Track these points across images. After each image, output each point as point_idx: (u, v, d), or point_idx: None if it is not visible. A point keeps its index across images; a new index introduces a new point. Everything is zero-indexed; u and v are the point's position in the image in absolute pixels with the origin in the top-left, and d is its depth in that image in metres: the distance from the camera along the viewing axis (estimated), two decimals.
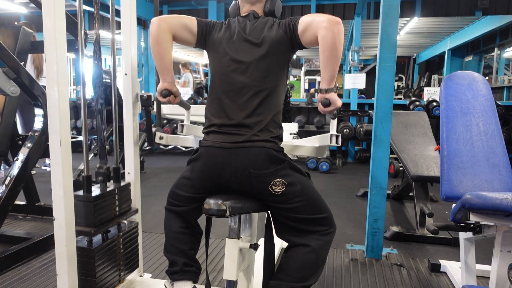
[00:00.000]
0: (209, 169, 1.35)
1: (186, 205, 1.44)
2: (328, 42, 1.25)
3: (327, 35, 1.25)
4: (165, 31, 1.42)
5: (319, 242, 1.37)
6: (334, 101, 1.33)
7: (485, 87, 1.88)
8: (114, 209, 1.66)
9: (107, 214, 1.62)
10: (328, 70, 1.30)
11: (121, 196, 1.71)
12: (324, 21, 1.26)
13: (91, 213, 1.52)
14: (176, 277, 1.42)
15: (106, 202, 1.61)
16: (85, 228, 1.52)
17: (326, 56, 1.28)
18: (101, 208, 1.58)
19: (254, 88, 1.37)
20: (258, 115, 1.35)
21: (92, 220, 1.52)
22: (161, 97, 1.52)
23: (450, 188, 1.70)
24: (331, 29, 1.25)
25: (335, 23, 1.25)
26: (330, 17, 1.27)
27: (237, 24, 1.47)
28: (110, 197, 1.64)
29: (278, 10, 1.52)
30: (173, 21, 1.44)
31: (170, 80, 1.51)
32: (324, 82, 1.32)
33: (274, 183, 1.31)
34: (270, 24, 1.44)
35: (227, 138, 1.34)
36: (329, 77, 1.31)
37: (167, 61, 1.46)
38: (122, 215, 1.73)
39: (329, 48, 1.26)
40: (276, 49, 1.40)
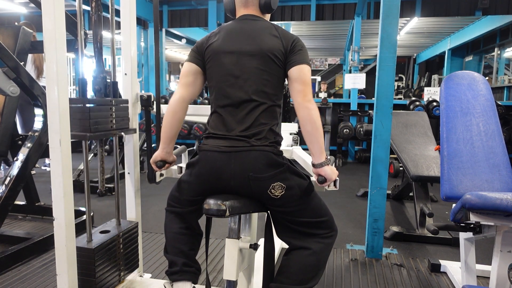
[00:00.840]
0: (208, 173, 1.35)
1: (186, 207, 1.44)
2: (306, 118, 1.32)
3: (303, 113, 1.33)
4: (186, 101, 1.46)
5: (319, 245, 1.37)
6: (329, 176, 1.35)
7: (485, 87, 1.88)
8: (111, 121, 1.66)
9: None
10: (314, 143, 1.33)
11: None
12: (299, 97, 1.34)
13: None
14: (176, 278, 1.42)
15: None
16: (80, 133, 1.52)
17: (308, 131, 1.33)
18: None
19: (252, 103, 1.36)
20: (256, 127, 1.35)
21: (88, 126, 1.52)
22: (155, 167, 1.52)
23: (450, 188, 1.70)
24: (305, 106, 1.32)
25: (307, 101, 1.33)
26: (304, 96, 1.33)
27: (234, 33, 1.42)
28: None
29: (274, 2, 1.48)
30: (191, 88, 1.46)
31: (169, 150, 1.51)
32: (315, 156, 1.35)
33: (273, 187, 1.31)
34: (267, 32, 1.40)
35: (226, 143, 1.34)
36: (318, 150, 1.34)
37: (175, 132, 1.48)
38: None
39: (309, 122, 1.32)
40: (274, 61, 1.37)
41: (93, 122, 1.54)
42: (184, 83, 1.46)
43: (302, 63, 1.36)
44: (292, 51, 1.38)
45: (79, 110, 1.52)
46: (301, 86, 1.35)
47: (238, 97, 1.36)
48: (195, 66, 1.46)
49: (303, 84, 1.35)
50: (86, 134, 1.51)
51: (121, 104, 1.73)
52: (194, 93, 1.48)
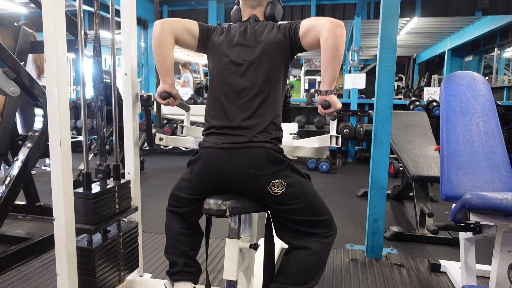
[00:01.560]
0: (209, 170, 1.35)
1: (187, 207, 1.45)
2: (331, 43, 1.26)
3: (329, 37, 1.26)
4: (168, 33, 1.43)
5: (319, 245, 1.37)
6: (334, 103, 1.33)
7: (485, 87, 1.88)
8: (114, 206, 1.67)
9: (107, 212, 1.62)
10: (329, 71, 1.30)
11: (121, 193, 1.71)
12: (327, 23, 1.28)
13: (91, 211, 1.52)
14: (176, 278, 1.42)
15: (106, 199, 1.61)
16: (85, 226, 1.52)
17: (328, 58, 1.28)
18: (101, 206, 1.58)
19: (253, 90, 1.37)
20: (257, 117, 1.35)
21: (92, 217, 1.52)
22: (161, 99, 1.52)
23: (450, 188, 1.70)
24: (334, 31, 1.26)
25: (337, 25, 1.27)
26: (333, 19, 1.28)
27: (237, 28, 1.48)
28: (110, 195, 1.64)
29: (279, 14, 1.53)
30: (176, 24, 1.45)
31: (170, 82, 1.51)
32: (325, 83, 1.33)
33: (273, 184, 1.31)
34: (270, 27, 1.45)
35: (227, 139, 1.34)
36: (330, 78, 1.31)
37: (169, 62, 1.47)
38: (122, 212, 1.73)
39: (331, 49, 1.27)
40: (275, 51, 1.40)
41: (97, 213, 1.56)
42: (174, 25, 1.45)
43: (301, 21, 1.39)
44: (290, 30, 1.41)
45: (84, 203, 1.53)
46: (322, 20, 1.31)
47: (240, 85, 1.38)
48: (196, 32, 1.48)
49: (323, 18, 1.32)
50: (91, 228, 1.52)
51: (124, 187, 1.75)
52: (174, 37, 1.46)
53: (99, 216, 1.56)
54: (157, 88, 1.53)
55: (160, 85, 1.51)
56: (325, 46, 1.28)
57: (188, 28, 1.48)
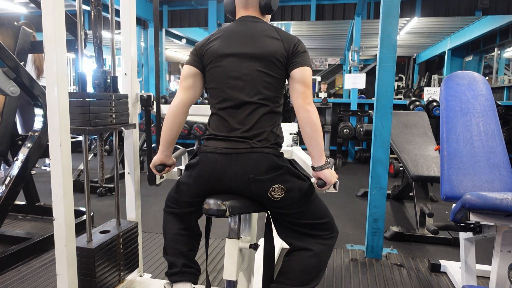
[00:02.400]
0: (207, 175, 1.34)
1: (186, 209, 1.44)
2: (306, 120, 1.32)
3: (304, 115, 1.32)
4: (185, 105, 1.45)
5: (321, 247, 1.37)
6: (329, 179, 1.34)
7: (485, 87, 1.88)
8: (111, 115, 1.66)
9: (104, 121, 1.61)
10: (314, 146, 1.33)
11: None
12: (300, 99, 1.33)
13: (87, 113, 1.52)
14: (176, 279, 1.42)
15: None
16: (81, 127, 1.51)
17: (308, 133, 1.32)
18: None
19: (253, 105, 1.35)
20: (257, 128, 1.34)
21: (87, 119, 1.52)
22: (155, 171, 1.52)
23: (450, 188, 1.70)
24: (306, 109, 1.32)
25: (308, 104, 1.33)
26: (304, 98, 1.33)
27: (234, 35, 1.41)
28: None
29: (275, 3, 1.47)
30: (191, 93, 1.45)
31: (168, 153, 1.51)
32: (314, 159, 1.35)
33: (273, 189, 1.31)
34: (268, 34, 1.39)
35: (227, 144, 1.34)
36: (317, 153, 1.33)
37: (175, 135, 1.47)
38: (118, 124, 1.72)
39: (308, 124, 1.31)
40: (275, 63, 1.36)
41: (92, 116, 1.54)
42: (184, 87, 1.46)
43: (305, 65, 1.36)
44: (294, 53, 1.37)
45: (79, 104, 1.52)
46: (302, 87, 1.34)
47: (239, 99, 1.36)
48: (194, 69, 1.45)
49: (305, 86, 1.35)
50: (86, 128, 1.51)
51: (121, 99, 1.73)
52: (195, 96, 1.48)
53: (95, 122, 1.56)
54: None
55: (157, 154, 1.51)
56: (302, 122, 1.33)
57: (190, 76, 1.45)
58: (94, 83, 1.68)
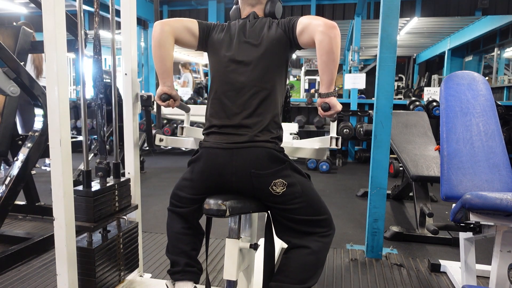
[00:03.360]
0: (209, 170, 1.35)
1: (188, 206, 1.45)
2: (325, 46, 1.25)
3: (323, 40, 1.25)
4: (168, 33, 1.42)
5: (318, 244, 1.37)
6: (334, 105, 1.33)
7: (485, 87, 1.88)
8: (114, 204, 1.66)
9: (107, 210, 1.62)
10: (326, 74, 1.30)
11: (121, 191, 1.71)
12: (320, 25, 1.26)
13: (91, 209, 1.51)
14: (178, 277, 1.43)
15: (106, 197, 1.61)
16: (85, 224, 1.51)
17: (323, 61, 1.28)
18: (101, 204, 1.58)
19: (253, 88, 1.37)
20: (258, 115, 1.35)
21: (92, 215, 1.52)
22: (161, 101, 1.51)
23: (450, 188, 1.70)
24: (327, 34, 1.24)
25: (331, 27, 1.25)
26: (326, 21, 1.26)
27: (237, 26, 1.47)
28: (110, 192, 1.64)
29: (279, 12, 1.52)
30: (176, 24, 1.44)
31: (170, 84, 1.50)
32: (323, 86, 1.33)
33: (274, 184, 1.31)
34: (269, 24, 1.44)
35: (228, 138, 1.34)
36: (328, 81, 1.31)
37: (168, 64, 1.46)
38: (122, 210, 1.73)
39: (326, 52, 1.26)
40: (275, 48, 1.40)
41: (97, 211, 1.55)
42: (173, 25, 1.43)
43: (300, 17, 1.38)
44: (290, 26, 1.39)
45: (83, 202, 1.53)
46: (315, 20, 1.30)
47: (240, 82, 1.38)
48: (196, 31, 1.48)
49: (316, 19, 1.30)
50: (91, 226, 1.52)
51: (124, 185, 1.75)
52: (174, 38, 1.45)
53: (99, 214, 1.56)
54: (157, 88, 1.53)
55: (159, 86, 1.51)
56: (320, 49, 1.26)
57: (188, 28, 1.47)
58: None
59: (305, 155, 2.07)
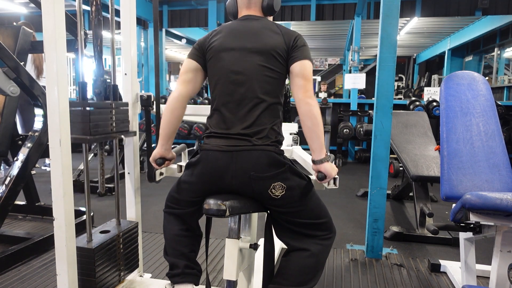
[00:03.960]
0: (209, 173, 1.34)
1: (186, 209, 1.44)
2: (307, 113, 1.31)
3: (304, 108, 1.31)
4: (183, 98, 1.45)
5: (318, 247, 1.37)
6: (329, 172, 1.34)
7: (485, 87, 1.88)
8: (111, 123, 1.66)
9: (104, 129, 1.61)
10: (314, 140, 1.32)
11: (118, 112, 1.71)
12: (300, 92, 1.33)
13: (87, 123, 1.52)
14: (178, 280, 1.41)
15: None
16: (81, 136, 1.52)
17: (308, 127, 1.32)
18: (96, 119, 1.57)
19: (254, 100, 1.35)
20: (258, 125, 1.34)
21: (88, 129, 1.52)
22: (155, 164, 1.53)
23: (450, 188, 1.70)
24: (308, 103, 1.31)
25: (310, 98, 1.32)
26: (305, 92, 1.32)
27: (235, 31, 1.43)
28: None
29: (277, 4, 1.48)
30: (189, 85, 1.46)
31: (168, 147, 1.51)
32: (315, 153, 1.34)
33: (274, 187, 1.30)
34: (270, 30, 1.41)
35: (228, 142, 1.33)
36: (318, 146, 1.33)
37: (174, 129, 1.48)
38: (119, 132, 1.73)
39: (309, 117, 1.31)
40: (276, 58, 1.37)
41: (93, 125, 1.54)
42: (184, 80, 1.46)
43: (305, 59, 1.36)
44: (294, 47, 1.38)
45: (79, 113, 1.52)
46: (302, 81, 1.34)
47: (240, 94, 1.36)
48: (195, 63, 1.45)
49: (305, 79, 1.34)
50: (87, 137, 1.51)
51: (121, 107, 1.73)
52: (194, 90, 1.48)
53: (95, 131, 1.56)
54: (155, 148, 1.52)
55: (156, 148, 1.51)
56: (303, 115, 1.32)
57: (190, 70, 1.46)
58: (94, 92, 1.69)
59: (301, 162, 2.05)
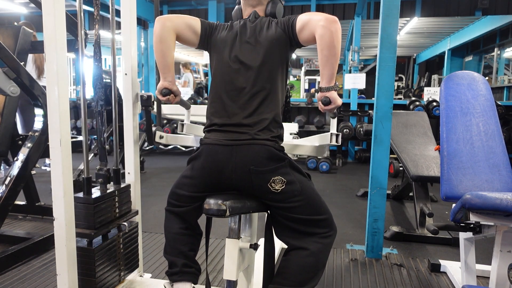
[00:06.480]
0: (210, 166, 1.35)
1: (187, 205, 1.44)
2: (326, 41, 1.26)
3: (324, 34, 1.26)
4: (169, 29, 1.43)
5: (318, 246, 1.36)
6: (334, 99, 1.34)
7: (485, 87, 1.88)
8: (114, 211, 1.67)
9: (107, 216, 1.62)
10: (327, 68, 1.31)
11: (121, 198, 1.71)
12: (321, 20, 1.27)
13: (91, 215, 1.52)
14: (176, 278, 1.42)
15: (106, 204, 1.61)
16: (85, 231, 1.52)
17: (324, 55, 1.29)
18: (101, 210, 1.58)
19: (254, 88, 1.38)
20: (259, 114, 1.36)
21: (92, 222, 1.52)
22: (161, 96, 1.52)
23: (450, 188, 1.70)
24: (329, 28, 1.26)
25: (332, 22, 1.26)
26: (327, 16, 1.28)
27: (239, 26, 1.48)
28: (110, 199, 1.64)
29: (279, 12, 1.53)
30: (178, 21, 1.45)
31: (171, 79, 1.51)
32: (324, 80, 1.33)
33: (273, 181, 1.31)
34: (268, 23, 1.45)
35: (228, 136, 1.35)
36: (329, 75, 1.32)
37: (169, 59, 1.47)
38: (122, 216, 1.73)
39: (327, 47, 1.27)
40: (276, 48, 1.41)
41: (97, 218, 1.55)
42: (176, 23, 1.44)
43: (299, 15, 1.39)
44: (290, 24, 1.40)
45: (83, 208, 1.53)
46: (317, 16, 1.31)
47: (241, 82, 1.39)
48: (198, 30, 1.48)
49: (317, 14, 1.31)
50: (91, 233, 1.52)
51: (124, 191, 1.75)
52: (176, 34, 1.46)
53: (99, 221, 1.57)
54: (157, 85, 1.53)
55: (160, 81, 1.51)
56: (321, 43, 1.27)
57: (190, 25, 1.48)
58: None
59: (305, 152, 2.07)
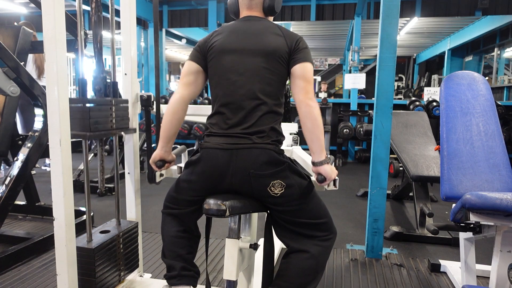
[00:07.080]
0: (210, 170, 1.34)
1: (185, 208, 1.43)
2: (307, 115, 1.32)
3: (305, 110, 1.33)
4: (184, 101, 1.45)
5: (318, 248, 1.36)
6: (329, 175, 1.34)
7: (485, 87, 1.88)
8: (111, 120, 1.66)
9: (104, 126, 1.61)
10: (315, 141, 1.33)
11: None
12: (301, 94, 1.34)
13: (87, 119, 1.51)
14: (174, 282, 1.41)
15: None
16: (80, 132, 1.52)
17: (308, 128, 1.33)
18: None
19: (254, 102, 1.35)
20: (258, 126, 1.34)
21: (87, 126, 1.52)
22: (155, 167, 1.52)
23: (450, 188, 1.70)
24: (308, 104, 1.32)
25: (309, 99, 1.33)
26: (306, 93, 1.34)
27: (236, 32, 1.43)
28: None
29: (278, 5, 1.48)
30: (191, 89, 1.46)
31: (168, 149, 1.51)
32: (315, 154, 1.35)
33: (273, 185, 1.30)
34: (271, 30, 1.41)
35: (228, 140, 1.34)
36: (318, 148, 1.33)
37: (174, 131, 1.48)
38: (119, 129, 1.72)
39: (310, 119, 1.32)
40: (277, 60, 1.37)
41: (93, 121, 1.54)
42: (185, 83, 1.46)
43: (306, 61, 1.37)
44: (296, 49, 1.39)
45: (79, 109, 1.52)
46: (303, 83, 1.35)
47: (240, 95, 1.36)
48: (196, 65, 1.45)
49: (306, 81, 1.35)
50: (86, 133, 1.51)
51: (121, 104, 1.73)
52: (195, 92, 1.48)
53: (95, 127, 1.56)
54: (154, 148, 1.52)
55: (157, 150, 1.51)
56: (303, 117, 1.33)
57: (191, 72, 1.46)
58: (94, 89, 1.69)
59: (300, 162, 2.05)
